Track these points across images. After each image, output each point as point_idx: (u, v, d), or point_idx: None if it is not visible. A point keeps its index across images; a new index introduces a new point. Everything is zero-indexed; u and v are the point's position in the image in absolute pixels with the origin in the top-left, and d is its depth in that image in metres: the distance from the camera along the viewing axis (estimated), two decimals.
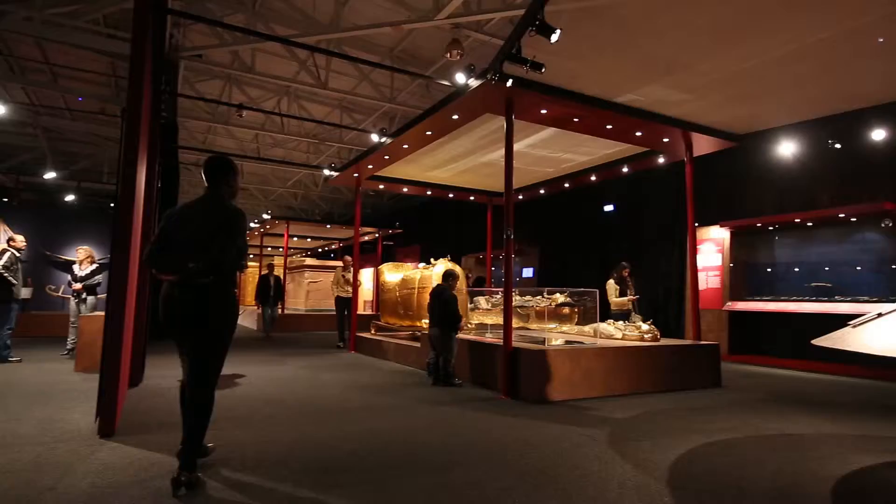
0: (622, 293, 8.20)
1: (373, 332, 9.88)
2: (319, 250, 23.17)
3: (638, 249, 11.11)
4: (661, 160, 8.13)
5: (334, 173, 10.29)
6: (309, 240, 20.64)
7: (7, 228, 13.01)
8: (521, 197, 10.91)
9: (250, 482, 2.88)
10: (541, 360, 5.37)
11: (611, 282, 8.29)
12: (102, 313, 6.88)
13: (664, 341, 6.60)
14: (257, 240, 19.17)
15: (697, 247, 8.37)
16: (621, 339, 6.58)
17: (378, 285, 10.43)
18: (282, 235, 16.94)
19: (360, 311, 14.26)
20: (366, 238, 17.60)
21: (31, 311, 11.35)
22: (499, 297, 7.71)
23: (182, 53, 10.32)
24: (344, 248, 20.55)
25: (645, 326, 6.61)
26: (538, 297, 7.45)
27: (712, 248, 9.59)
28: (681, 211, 7.91)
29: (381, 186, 10.88)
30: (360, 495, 2.74)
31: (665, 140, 7.23)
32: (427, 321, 6.71)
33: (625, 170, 8.75)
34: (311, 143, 16.66)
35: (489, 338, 6.74)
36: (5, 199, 14.41)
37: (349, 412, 4.71)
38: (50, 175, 15.91)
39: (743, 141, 7.23)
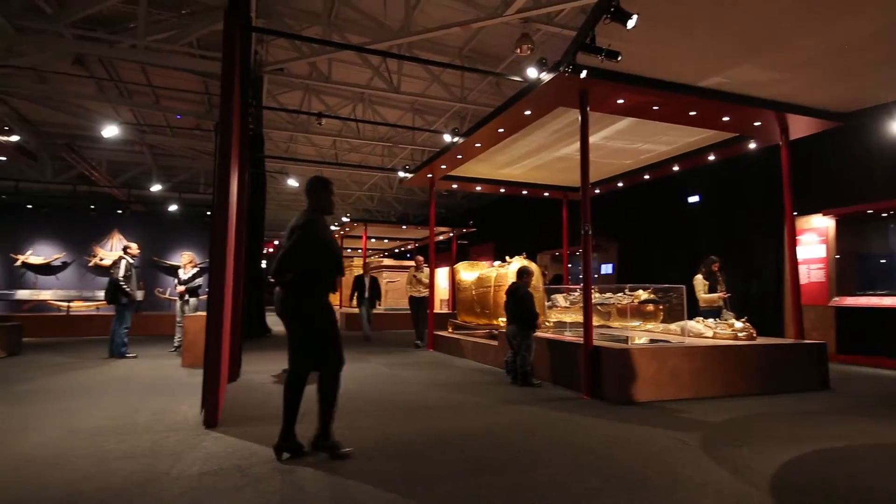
0: (712, 289, 7.73)
1: (450, 330, 9.98)
2: (396, 251, 23.74)
3: (728, 242, 10.42)
4: (752, 145, 7.58)
5: (408, 175, 10.50)
6: (386, 241, 21.22)
7: (122, 237, 14.46)
8: (597, 191, 10.59)
9: (336, 474, 3.01)
10: (624, 360, 5.18)
11: (699, 277, 7.83)
12: (204, 313, 7.48)
13: (761, 340, 6.15)
14: (338, 242, 19.97)
15: (797, 237, 7.72)
16: (712, 337, 6.20)
17: (454, 284, 10.54)
18: (360, 237, 17.52)
19: (437, 309, 14.45)
20: (440, 237, 17.81)
21: (142, 312, 12.49)
22: (577, 294, 7.53)
23: (265, 68, 10.96)
24: (419, 247, 20.91)
25: (739, 324, 6.19)
26: (619, 294, 7.19)
27: (814, 238, 8.80)
28: (776, 199, 7.33)
29: (455, 186, 10.95)
30: (443, 491, 2.78)
31: (756, 124, 6.72)
32: (504, 319, 6.68)
33: (711, 158, 8.24)
34: (386, 147, 17.10)
35: (568, 336, 6.60)
36: (120, 211, 15.99)
37: (430, 409, 4.79)
38: (156, 188, 17.47)
39: (848, 120, 6.57)
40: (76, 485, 2.78)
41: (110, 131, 12.20)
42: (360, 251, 20.61)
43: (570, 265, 12.19)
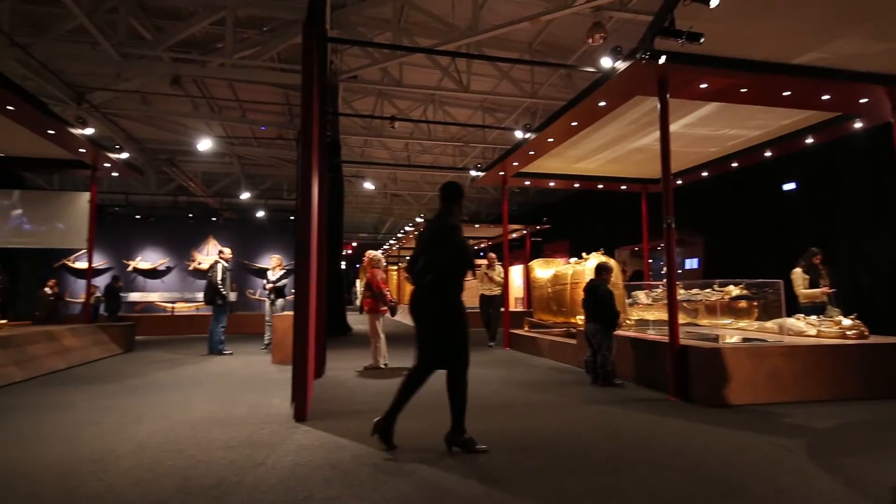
0: (813, 284, 7.09)
1: (526, 328, 9.88)
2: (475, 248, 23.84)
3: (830, 233, 9.53)
4: (857, 125, 6.88)
5: (480, 173, 10.50)
6: (416, 241, 21.34)
7: (217, 243, 15.59)
8: (679, 182, 10.05)
9: (418, 470, 3.07)
10: (715, 360, 4.89)
11: (798, 271, 7.21)
12: (291, 313, 7.89)
13: (873, 339, 5.57)
14: (412, 242, 20.34)
15: None
16: (815, 335, 5.70)
17: (528, 282, 10.39)
18: None
19: (511, 307, 14.33)
20: (514, 235, 17.65)
21: (236, 312, 13.39)
22: (660, 290, 7.19)
23: (340, 77, 11.39)
24: (493, 245, 20.85)
25: (847, 321, 5.64)
26: (707, 290, 6.78)
27: None
28: (887, 184, 6.61)
29: (527, 183, 10.81)
30: (526, 492, 2.76)
31: (863, 101, 6.09)
32: (582, 317, 6.51)
33: (809, 141, 7.57)
34: (457, 147, 17.23)
35: (652, 334, 6.32)
36: (214, 219, 17.27)
37: (509, 408, 4.77)
38: (244, 195, 18.70)
39: None
40: (185, 471, 3.03)
41: (205, 145, 13.21)
42: None
43: (650, 260, 11.67)
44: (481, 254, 23.09)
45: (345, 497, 2.66)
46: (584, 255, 8.15)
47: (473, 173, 10.64)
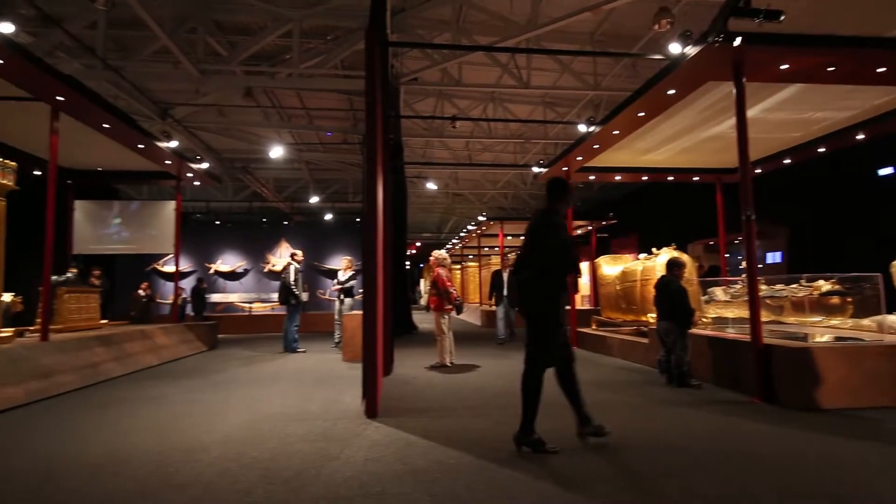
0: None
1: (594, 327, 9.64)
2: None
3: None
4: None
5: (543, 170, 10.34)
6: (523, 237, 21.14)
7: (289, 245, 16.32)
8: (758, 170, 9.43)
9: (488, 468, 3.06)
10: (804, 360, 4.55)
11: None
12: (359, 312, 8.13)
13: None
14: (475, 241, 20.37)
15: None
16: None
17: (595, 279, 10.12)
18: (497, 235, 17.69)
19: (578, 305, 14.00)
20: (578, 231, 17.26)
21: (307, 311, 13.95)
22: (739, 286, 6.79)
23: (401, 80, 11.57)
24: None
25: None
26: (794, 286, 6.33)
27: None
28: None
29: (592, 177, 10.53)
30: (597, 495, 2.69)
31: None
32: (653, 315, 6.27)
33: None
34: (518, 143, 17.05)
35: (731, 333, 5.98)
36: (285, 222, 18.11)
37: None
38: (313, 199, 19.44)
39: None
40: (267, 462, 3.20)
41: (276, 152, 13.85)
42: (497, 249, 20.78)
43: (727, 255, 11.04)
44: None
45: (417, 493, 2.71)
46: (654, 250, 7.84)
47: (535, 170, 10.49)
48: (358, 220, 18.19)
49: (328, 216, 18.95)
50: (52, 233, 6.51)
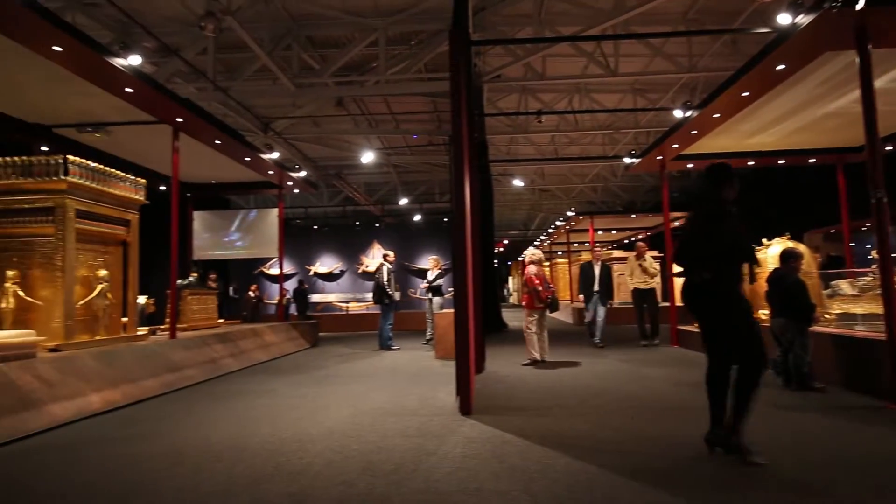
0: None
1: (696, 324, 9.05)
2: (626, 241, 22.58)
3: None
4: None
5: (635, 160, 9.89)
6: (614, 232, 20.37)
7: (381, 247, 16.94)
8: (890, 148, 8.37)
9: (587, 470, 2.98)
10: None
11: None
12: (448, 311, 8.26)
13: None
14: (563, 237, 19.92)
15: None
16: None
17: None
18: (587, 230, 17.17)
19: (679, 301, 13.23)
20: (676, 223, 16.28)
21: (400, 310, 14.40)
22: (869, 278, 6.06)
23: (484, 78, 11.58)
24: (653, 236, 19.50)
25: None
26: None
27: None
28: None
29: (690, 165, 9.91)
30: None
31: None
32: (765, 312, 5.77)
33: None
34: (606, 135, 16.44)
35: (861, 331, 5.36)
36: (377, 225, 18.82)
37: (681, 411, 4.41)
38: (402, 201, 20.03)
39: None
40: (368, 455, 3.35)
41: (367, 157, 14.44)
42: (587, 244, 20.19)
43: (852, 244, 9.89)
44: (632, 240, 21.74)
45: (515, 492, 2.70)
46: (764, 241, 7.21)
47: (627, 160, 10.06)
48: (446, 219, 18.47)
49: (417, 217, 19.42)
50: (177, 241, 7.26)
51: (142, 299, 7.75)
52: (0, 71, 5.78)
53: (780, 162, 9.45)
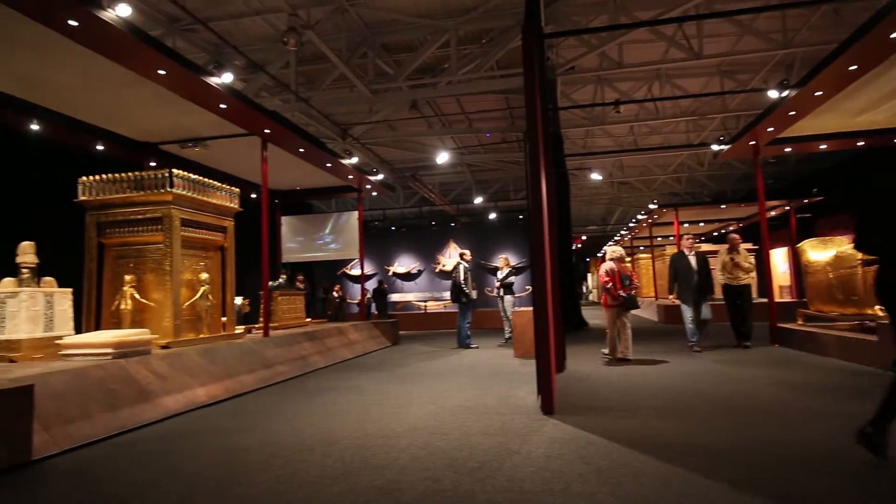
0: None
1: (799, 322, 8.33)
2: (715, 234, 21.23)
3: None
4: None
5: (723, 147, 9.28)
6: (702, 224, 19.21)
7: (457, 246, 17.09)
8: None
9: (677, 475, 2.83)
10: None
11: None
12: (525, 308, 8.17)
13: None
14: (646, 231, 19.08)
15: None
16: None
17: (796, 267, 8.72)
18: (671, 224, 16.33)
19: (777, 297, 12.27)
20: (772, 213, 15.11)
21: (477, 308, 14.45)
22: None
23: (557, 71, 11.34)
24: (746, 227, 18.21)
25: None
26: None
27: None
28: None
29: (788, 149, 9.16)
30: None
31: None
32: (881, 307, 5.19)
33: None
34: (690, 122, 15.54)
35: None
36: (452, 224, 19.02)
37: (783, 414, 4.08)
38: (477, 200, 20.08)
39: None
40: (451, 452, 3.39)
41: (442, 158, 14.62)
42: (672, 238, 19.21)
43: None
44: (721, 233, 20.35)
45: (602, 494, 2.62)
46: None
47: (715, 147, 9.46)
48: (521, 217, 18.31)
49: (492, 215, 19.40)
50: (267, 245, 7.74)
51: (238, 300, 8.34)
52: (113, 95, 6.44)
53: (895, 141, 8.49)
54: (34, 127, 6.84)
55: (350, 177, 10.76)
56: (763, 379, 5.55)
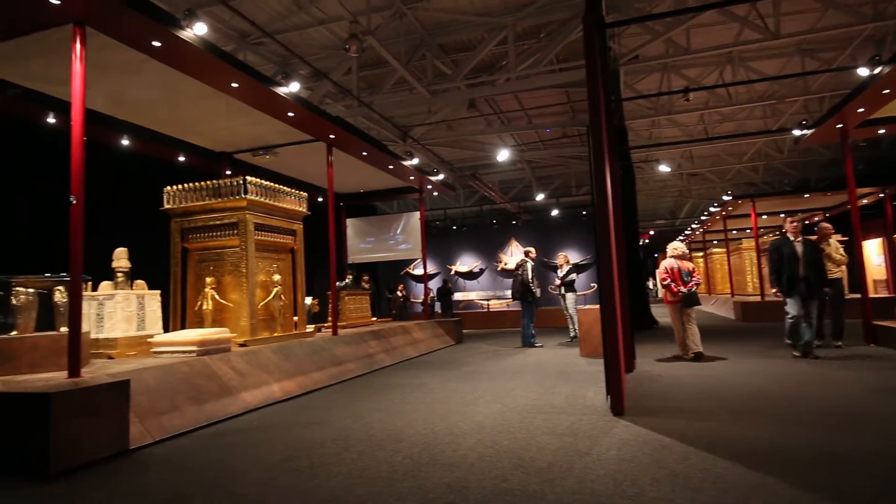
0: None
1: None
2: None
3: None
4: None
5: (806, 132, 8.64)
6: (782, 215, 17.96)
7: (518, 244, 16.96)
8: None
9: (767, 482, 2.66)
10: None
11: None
12: (591, 306, 7.98)
13: None
14: (719, 224, 18.09)
15: None
16: None
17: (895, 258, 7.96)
18: (747, 215, 15.41)
19: (871, 293, 11.28)
20: (864, 201, 13.90)
21: (540, 307, 14.26)
22: None
23: (620, 61, 10.97)
24: (832, 217, 16.86)
25: None
26: None
27: None
28: None
29: (882, 131, 8.39)
30: None
31: None
32: None
33: None
34: (767, 106, 14.59)
35: None
36: (514, 222, 18.87)
37: (882, 421, 3.74)
38: (539, 197, 19.82)
39: None
40: (519, 452, 3.36)
41: (503, 155, 14.55)
42: (749, 231, 18.13)
43: None
44: (815, 229, 18.94)
45: (680, 500, 2.51)
46: None
47: (797, 132, 8.83)
48: (584, 213, 17.88)
49: (554, 212, 19.07)
50: (334, 247, 8.00)
51: (308, 300, 8.67)
52: (191, 108, 6.88)
53: None
54: (124, 142, 7.44)
55: (411, 178, 10.92)
56: (857, 381, 5.12)
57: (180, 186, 6.66)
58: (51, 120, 6.50)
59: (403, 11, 9.26)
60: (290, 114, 6.91)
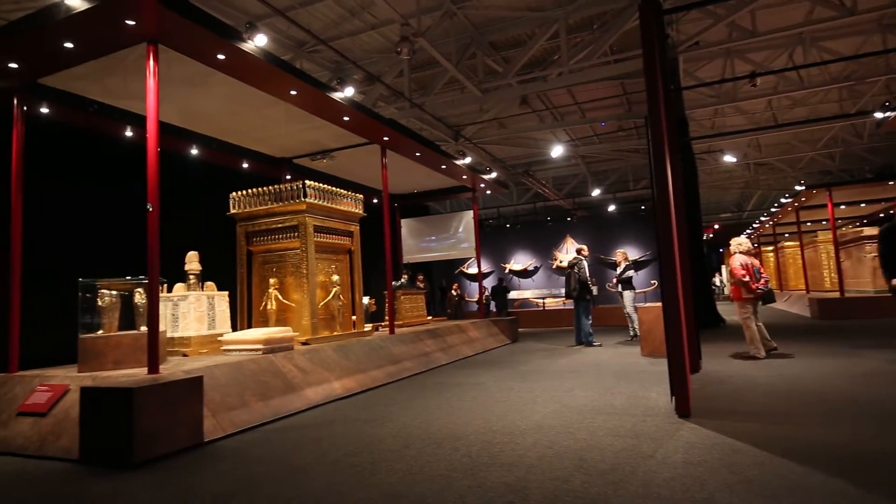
0: None
1: None
2: (881, 215, 18.32)
3: None
4: None
5: (891, 113, 7.97)
6: (863, 205, 16.69)
7: (573, 241, 16.64)
8: None
9: (847, 490, 2.48)
10: None
11: None
12: (658, 304, 7.70)
13: None
14: (791, 216, 17.03)
15: None
16: None
17: None
18: (823, 206, 14.41)
19: None
20: None
21: (597, 305, 13.93)
22: None
23: (679, 49, 10.53)
24: None
25: None
26: None
27: None
28: None
29: None
30: None
31: None
32: None
33: None
34: (844, 88, 13.57)
35: None
36: (568, 219, 18.52)
37: None
38: (594, 192, 19.35)
39: None
40: (580, 453, 3.29)
41: (557, 151, 14.30)
42: (825, 223, 16.97)
43: None
44: (891, 212, 17.44)
45: None
46: None
47: (879, 115, 8.21)
48: (643, 207, 17.30)
49: (610, 207, 18.57)
50: (390, 247, 8.13)
51: (365, 300, 8.87)
52: (253, 117, 7.18)
53: None
54: (193, 151, 7.86)
55: (464, 177, 10.93)
56: None
57: (244, 192, 6.98)
58: (128, 133, 6.96)
59: (453, 11, 9.28)
60: (346, 118, 7.08)
